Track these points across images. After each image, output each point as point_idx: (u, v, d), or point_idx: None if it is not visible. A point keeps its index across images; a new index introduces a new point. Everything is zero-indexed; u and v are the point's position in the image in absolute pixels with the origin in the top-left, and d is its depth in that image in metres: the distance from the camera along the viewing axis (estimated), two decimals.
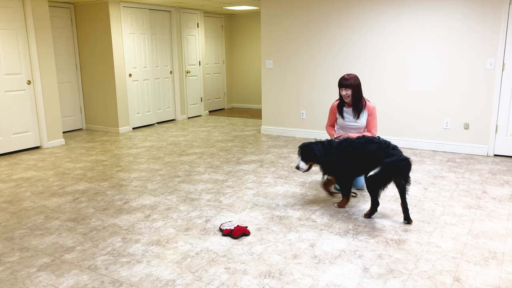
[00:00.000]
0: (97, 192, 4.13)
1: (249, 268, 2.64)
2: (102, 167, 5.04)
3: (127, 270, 2.64)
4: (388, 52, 5.76)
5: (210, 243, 2.99)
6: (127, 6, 7.13)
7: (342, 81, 3.91)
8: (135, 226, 3.31)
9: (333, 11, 6.06)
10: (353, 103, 3.96)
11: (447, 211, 3.55)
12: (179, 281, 2.50)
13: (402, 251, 2.85)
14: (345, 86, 3.90)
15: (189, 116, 8.74)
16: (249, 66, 9.90)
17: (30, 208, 3.74)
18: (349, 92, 3.90)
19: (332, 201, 3.79)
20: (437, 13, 5.36)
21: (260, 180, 4.44)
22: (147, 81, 7.70)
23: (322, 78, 6.32)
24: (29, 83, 5.86)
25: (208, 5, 7.97)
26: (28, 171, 4.90)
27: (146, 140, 6.56)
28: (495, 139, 5.31)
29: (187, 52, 8.50)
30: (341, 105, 4.04)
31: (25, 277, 2.58)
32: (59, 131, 6.30)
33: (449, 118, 5.51)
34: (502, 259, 2.72)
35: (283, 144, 6.16)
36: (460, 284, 2.44)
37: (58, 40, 7.03)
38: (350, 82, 3.88)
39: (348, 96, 3.91)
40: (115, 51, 6.99)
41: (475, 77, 5.28)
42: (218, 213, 3.55)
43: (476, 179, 4.41)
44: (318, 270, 2.61)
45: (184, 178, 4.52)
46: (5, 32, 5.53)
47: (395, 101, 5.82)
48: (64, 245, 2.99)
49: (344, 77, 3.92)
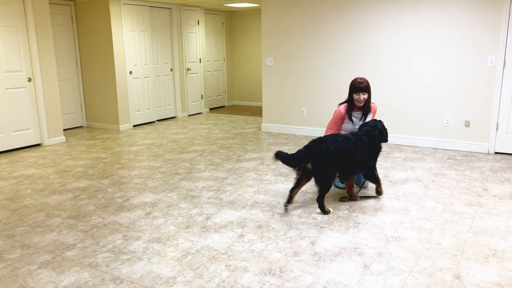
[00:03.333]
0: (98, 190, 4.13)
1: (249, 266, 2.64)
2: (103, 164, 5.05)
3: (127, 267, 2.64)
4: (389, 50, 5.75)
5: (211, 240, 3.00)
6: (128, 3, 7.12)
7: (358, 85, 3.76)
8: (135, 223, 3.31)
9: (334, 9, 6.04)
10: (365, 107, 3.87)
11: (448, 208, 3.55)
12: (180, 278, 2.51)
13: (403, 248, 2.85)
14: (363, 90, 3.77)
15: (189, 113, 8.74)
16: (250, 63, 9.88)
17: (31, 205, 3.75)
18: (366, 96, 3.79)
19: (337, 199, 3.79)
20: (438, 10, 5.35)
21: (261, 177, 4.44)
22: (148, 79, 7.69)
23: (323, 75, 6.31)
24: (30, 81, 5.86)
25: (209, 2, 7.95)
26: (29, 169, 4.91)
27: (147, 137, 6.56)
28: (496, 137, 5.30)
29: (188, 49, 8.49)
30: (350, 110, 3.91)
31: (26, 274, 2.58)
32: (59, 129, 6.30)
33: (450, 116, 5.51)
34: (503, 256, 2.72)
35: (284, 141, 6.15)
36: (461, 282, 2.44)
37: (58, 38, 7.02)
38: (366, 85, 3.77)
39: (364, 100, 3.80)
40: (116, 48, 6.98)
41: (476, 75, 5.27)
42: (218, 210, 3.55)
43: (477, 176, 4.41)
44: (318, 267, 2.62)
45: (184, 176, 4.53)
46: (5, 30, 5.52)
47: (396, 98, 5.81)
48: (65, 243, 3.00)
49: (358, 80, 3.78)
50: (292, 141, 6.14)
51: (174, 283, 2.46)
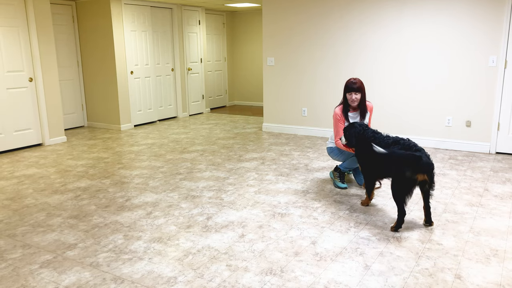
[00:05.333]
0: (99, 189, 4.14)
1: (250, 265, 2.64)
2: (104, 164, 5.05)
3: (128, 267, 2.65)
4: (390, 50, 5.75)
5: (212, 240, 3.00)
6: (129, 3, 7.12)
7: (351, 85, 3.86)
8: (136, 223, 3.32)
9: (335, 8, 6.04)
10: (360, 106, 3.94)
11: (449, 208, 3.54)
12: (181, 278, 2.51)
13: (404, 248, 2.85)
14: (356, 90, 3.85)
15: (190, 113, 8.74)
16: (251, 63, 9.88)
17: (32, 205, 3.75)
18: (358, 96, 3.87)
19: (333, 198, 3.79)
20: (439, 10, 5.34)
21: (262, 177, 4.44)
22: (149, 79, 7.70)
23: (323, 75, 6.31)
24: (31, 81, 5.87)
25: (210, 2, 7.95)
26: (30, 168, 4.91)
27: (148, 137, 6.57)
28: (497, 137, 5.29)
29: (189, 49, 8.50)
30: (345, 110, 3.97)
31: (27, 274, 2.59)
32: (61, 129, 6.30)
33: (451, 116, 5.50)
34: (504, 256, 2.72)
35: (285, 141, 6.15)
36: (462, 282, 2.44)
37: (59, 37, 7.03)
38: (359, 86, 3.85)
39: (357, 100, 3.88)
40: (117, 48, 6.99)
41: (477, 75, 5.26)
42: (219, 210, 3.55)
43: (478, 176, 4.40)
44: (319, 267, 2.62)
45: (185, 176, 4.53)
46: (6, 30, 5.53)
47: (397, 98, 5.81)
48: (66, 242, 3.00)
49: (351, 81, 3.87)
50: (293, 141, 6.14)
51: (175, 283, 2.46)
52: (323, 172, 4.61)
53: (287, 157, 5.26)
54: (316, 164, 4.93)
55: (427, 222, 3.19)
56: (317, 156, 5.29)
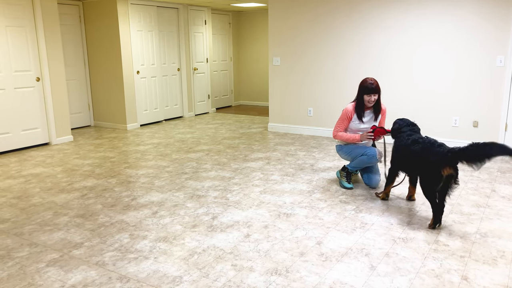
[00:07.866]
0: (105, 189, 4.16)
1: (255, 265, 2.64)
2: (110, 163, 5.07)
3: (134, 266, 2.66)
4: (397, 50, 5.72)
5: (217, 240, 3.00)
6: (135, 3, 7.15)
7: (370, 86, 3.80)
8: (142, 222, 3.33)
9: (341, 8, 6.02)
10: (376, 107, 3.94)
11: (455, 209, 3.52)
12: (186, 278, 2.51)
13: (410, 249, 2.83)
14: (374, 92, 3.81)
15: (196, 113, 8.75)
16: (257, 63, 9.88)
17: (39, 204, 3.78)
18: (376, 97, 3.85)
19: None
20: (446, 10, 5.31)
21: (267, 177, 4.44)
22: (155, 78, 7.72)
23: (329, 75, 6.30)
24: (38, 80, 5.90)
25: (216, 2, 7.96)
26: (37, 167, 4.94)
27: (154, 137, 6.59)
28: (505, 137, 5.25)
29: (195, 49, 8.51)
30: (360, 109, 3.94)
31: (34, 272, 2.60)
32: (67, 128, 6.34)
33: (458, 116, 5.47)
34: (511, 258, 2.70)
35: (290, 141, 6.15)
36: (468, 283, 2.42)
37: (66, 37, 7.07)
38: (376, 87, 3.82)
39: (375, 101, 3.86)
40: (123, 48, 7.02)
41: (485, 75, 5.23)
42: (225, 210, 3.55)
43: (485, 177, 4.37)
44: (324, 267, 2.61)
45: (191, 175, 4.54)
46: (14, 30, 5.57)
47: (403, 98, 5.78)
48: (73, 241, 3.02)
49: (369, 82, 3.81)
50: (298, 141, 6.13)
51: (180, 282, 2.46)
52: (329, 172, 4.60)
53: (292, 157, 5.26)
54: (321, 164, 4.92)
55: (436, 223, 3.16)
56: (323, 156, 5.28)
